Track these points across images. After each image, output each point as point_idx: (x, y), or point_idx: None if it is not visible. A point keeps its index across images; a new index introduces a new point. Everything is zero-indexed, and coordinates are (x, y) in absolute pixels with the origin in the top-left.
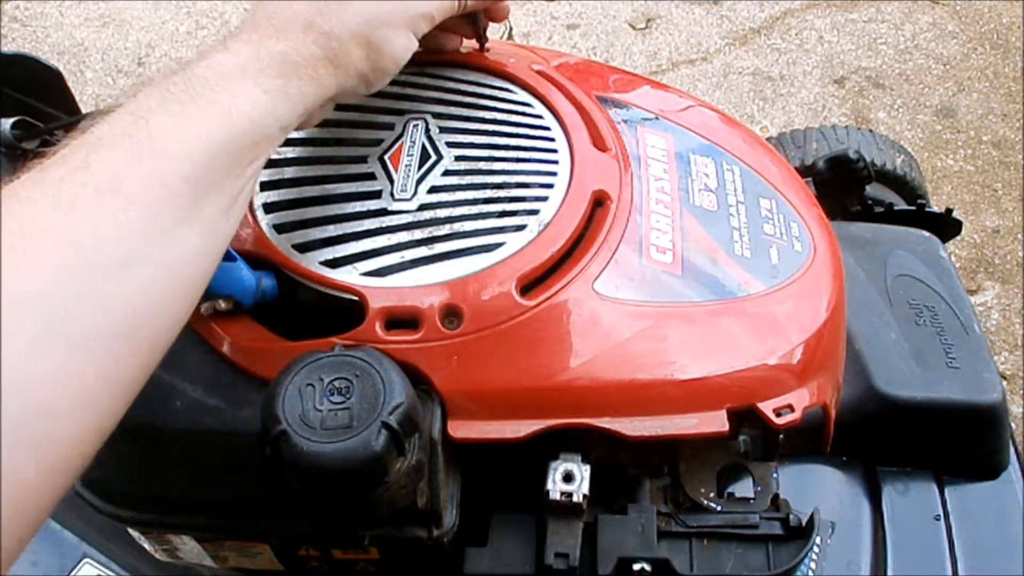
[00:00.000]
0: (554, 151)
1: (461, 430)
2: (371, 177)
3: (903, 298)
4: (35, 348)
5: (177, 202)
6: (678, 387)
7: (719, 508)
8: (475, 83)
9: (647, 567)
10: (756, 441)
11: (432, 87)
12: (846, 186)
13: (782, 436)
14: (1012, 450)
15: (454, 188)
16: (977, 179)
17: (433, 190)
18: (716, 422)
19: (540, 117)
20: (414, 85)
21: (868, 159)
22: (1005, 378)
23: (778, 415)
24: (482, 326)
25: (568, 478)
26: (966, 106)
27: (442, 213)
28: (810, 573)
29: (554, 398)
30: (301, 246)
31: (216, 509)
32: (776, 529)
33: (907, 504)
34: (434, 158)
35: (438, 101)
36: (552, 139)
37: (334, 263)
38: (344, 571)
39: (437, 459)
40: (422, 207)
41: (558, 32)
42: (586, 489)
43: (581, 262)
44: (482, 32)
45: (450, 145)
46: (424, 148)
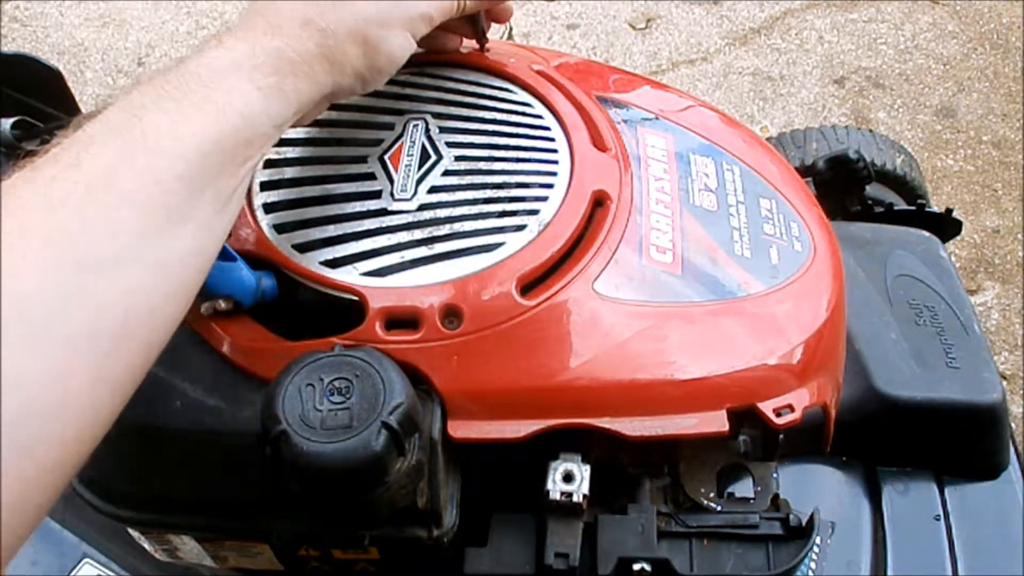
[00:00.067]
0: (554, 151)
1: (461, 430)
2: (371, 177)
3: (903, 298)
4: (28, 347)
5: (171, 200)
6: (678, 387)
7: (719, 508)
8: (475, 83)
9: (647, 567)
10: (756, 441)
11: (432, 87)
12: (846, 186)
13: (782, 436)
14: (1012, 450)
15: (454, 188)
16: (977, 179)
17: (433, 190)
18: (716, 422)
19: (540, 117)
20: (414, 85)
21: (868, 159)
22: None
23: (778, 415)
24: (482, 326)
25: (568, 478)
26: (966, 106)
27: (442, 213)
28: (810, 573)
29: (554, 398)
30: (301, 246)
31: (216, 509)
32: (776, 529)
33: (907, 504)
34: (434, 158)
35: (438, 101)
36: (552, 139)
37: (334, 263)
38: (344, 571)
39: (437, 459)
40: (422, 207)
41: (558, 32)
42: (586, 489)
43: (581, 262)
44: (482, 32)
45: (450, 145)
46: (424, 148)
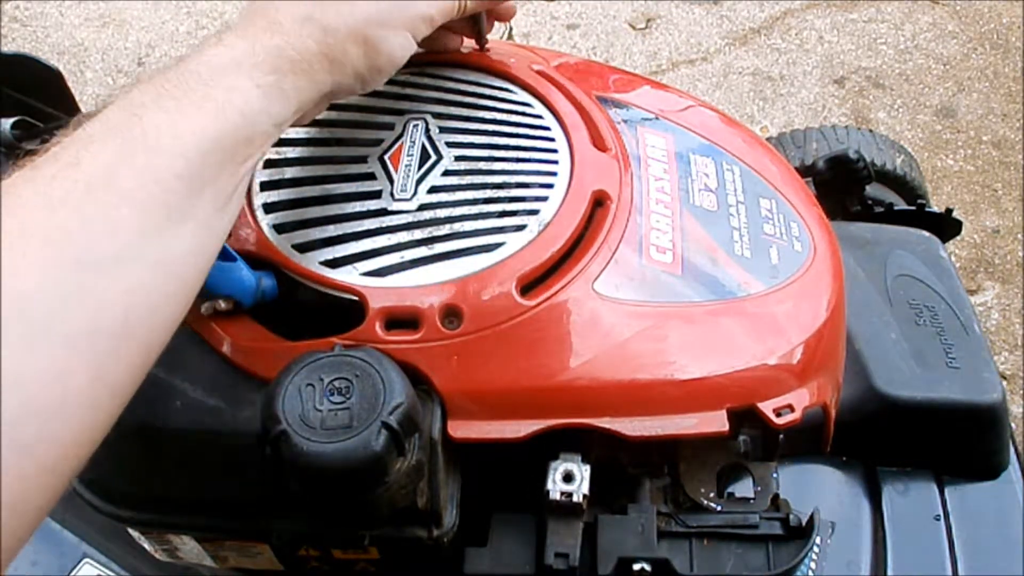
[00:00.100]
0: (554, 151)
1: (461, 430)
2: (371, 177)
3: (903, 298)
4: (27, 346)
5: (171, 199)
6: (678, 387)
7: (719, 508)
8: (475, 83)
9: (647, 567)
10: (756, 441)
11: (432, 87)
12: (846, 186)
13: (782, 436)
14: (1012, 450)
15: (454, 188)
16: (977, 179)
17: (433, 190)
18: (716, 422)
19: (540, 117)
20: (414, 85)
21: (868, 159)
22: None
23: (778, 415)
24: (482, 326)
25: (568, 478)
26: (966, 106)
27: (442, 213)
28: (810, 573)
29: (554, 398)
30: (301, 246)
31: (216, 509)
32: (776, 529)
33: (907, 504)
34: (434, 158)
35: (438, 101)
36: (552, 139)
37: (334, 263)
38: (344, 571)
39: (437, 459)
40: (422, 207)
41: (558, 32)
42: (586, 489)
43: (581, 262)
44: (483, 33)
45: (450, 145)
46: (424, 148)
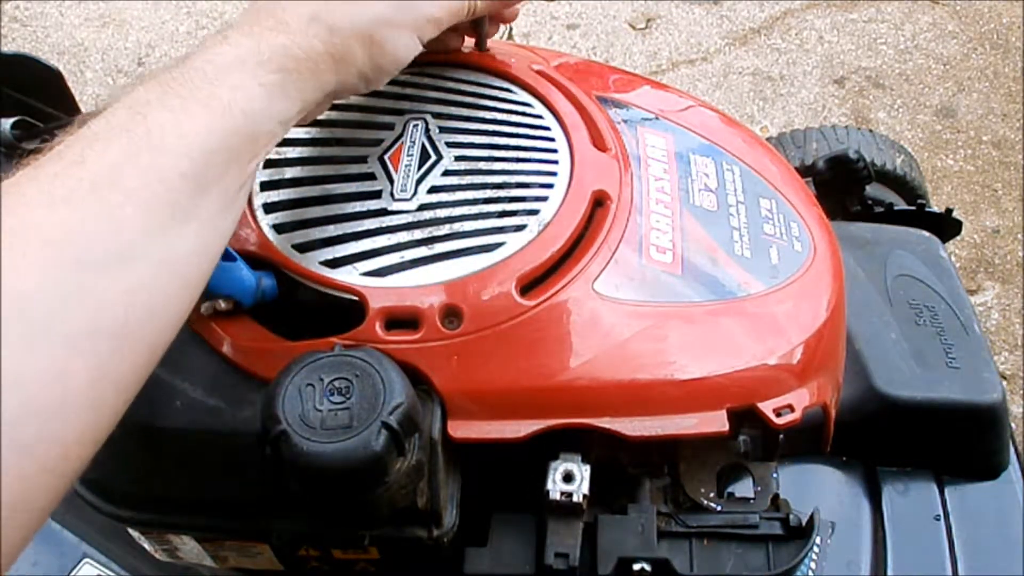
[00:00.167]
0: (554, 151)
1: (461, 430)
2: (371, 177)
3: (903, 298)
4: (28, 346)
5: (175, 198)
6: (678, 387)
7: (719, 508)
8: (475, 83)
9: (647, 567)
10: (756, 441)
11: (432, 87)
12: (846, 186)
13: (782, 436)
14: (1012, 450)
15: (454, 188)
16: (977, 179)
17: (433, 190)
18: (716, 422)
19: (540, 117)
20: (414, 85)
21: (868, 159)
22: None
23: (778, 415)
24: (482, 326)
25: (568, 478)
26: (966, 106)
27: (442, 213)
28: (810, 573)
29: (554, 398)
30: (301, 246)
31: (216, 509)
32: (776, 529)
33: (907, 504)
34: (434, 158)
35: (438, 101)
36: (552, 139)
37: (334, 263)
38: (344, 571)
39: (437, 459)
40: (422, 207)
41: (558, 32)
42: (586, 489)
43: (581, 262)
44: (484, 33)
45: (450, 145)
46: (424, 148)
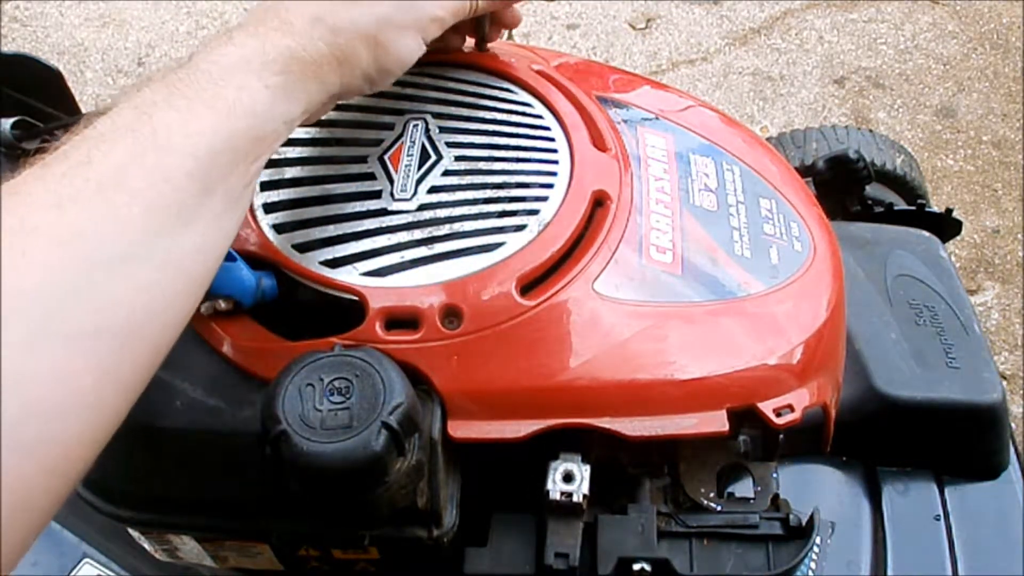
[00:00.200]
0: (554, 151)
1: (461, 430)
2: (371, 177)
3: (903, 298)
4: (33, 346)
5: (181, 198)
6: (678, 387)
7: (719, 508)
8: (475, 83)
9: (647, 567)
10: (756, 441)
11: (432, 87)
12: (846, 186)
13: (782, 436)
14: (1012, 450)
15: (454, 188)
16: (977, 179)
17: (433, 190)
18: (716, 422)
19: (540, 117)
20: (414, 85)
21: (868, 159)
22: (1005, 378)
23: (778, 415)
24: (482, 326)
25: (568, 478)
26: (966, 106)
27: (442, 213)
28: (810, 573)
29: (554, 398)
30: (301, 246)
31: (216, 509)
32: (776, 529)
33: (907, 504)
34: (434, 158)
35: (438, 101)
36: (552, 139)
37: (334, 263)
38: (344, 571)
39: (437, 459)
40: (422, 207)
41: (558, 32)
42: (586, 489)
43: (581, 262)
44: (485, 33)
45: (450, 145)
46: (424, 148)
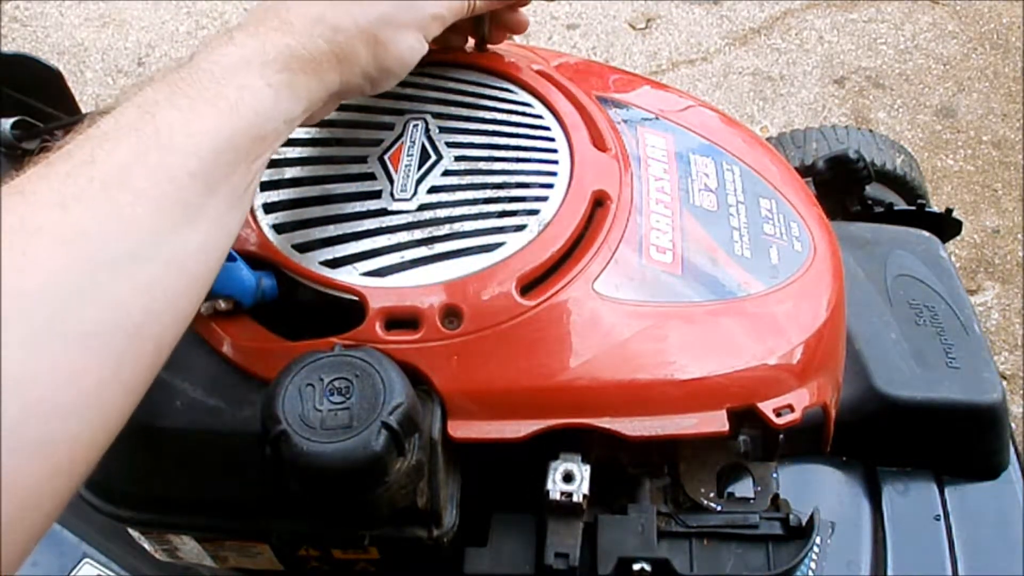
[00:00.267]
0: (554, 151)
1: (461, 430)
2: (371, 177)
3: (903, 298)
4: (37, 346)
5: (184, 197)
6: (678, 387)
7: (719, 508)
8: (475, 83)
9: (647, 567)
10: (756, 441)
11: (432, 87)
12: (846, 186)
13: (782, 436)
14: (1012, 450)
15: (454, 188)
16: (977, 179)
17: (433, 190)
18: (716, 422)
19: (540, 117)
20: (414, 85)
21: (868, 159)
22: (1005, 378)
23: (778, 415)
24: (482, 326)
25: (568, 478)
26: (966, 106)
27: (442, 213)
28: (810, 573)
29: (554, 398)
30: (301, 246)
31: (216, 509)
32: (776, 529)
33: (907, 504)
34: (434, 158)
35: (438, 101)
36: (552, 139)
37: (334, 263)
38: (344, 571)
39: (437, 459)
40: (422, 207)
41: (558, 32)
42: (586, 489)
43: (581, 262)
44: (484, 33)
45: (450, 145)
46: (424, 148)
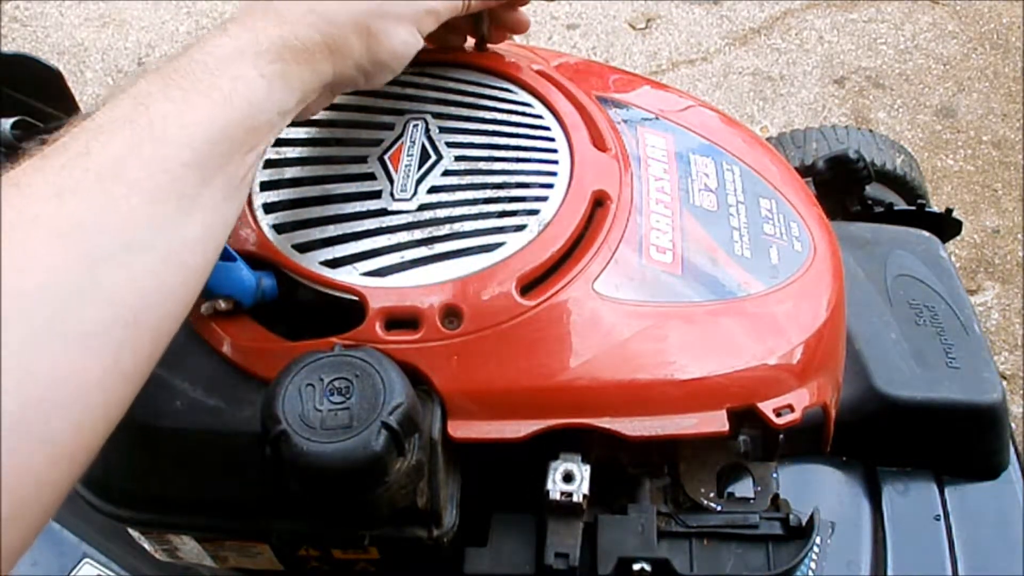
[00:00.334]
0: (554, 151)
1: (461, 430)
2: (371, 177)
3: (903, 298)
4: (37, 340)
5: (179, 188)
6: (678, 387)
7: (719, 508)
8: (475, 83)
9: (647, 567)
10: (756, 441)
11: (432, 87)
12: (846, 186)
13: (782, 436)
14: (1012, 450)
15: (454, 188)
16: (977, 179)
17: (433, 190)
18: (716, 422)
19: (540, 117)
20: (414, 85)
21: (868, 159)
22: (1005, 378)
23: (778, 415)
24: (482, 326)
25: (568, 478)
26: (966, 106)
27: (442, 213)
28: (810, 573)
29: (554, 398)
30: (301, 246)
31: (216, 509)
32: (776, 529)
33: (907, 504)
34: (434, 158)
35: (438, 101)
36: (552, 139)
37: (334, 263)
38: (344, 571)
39: (437, 459)
40: (422, 207)
41: (558, 32)
42: (586, 489)
43: (581, 262)
44: (483, 33)
45: (450, 145)
46: (424, 148)
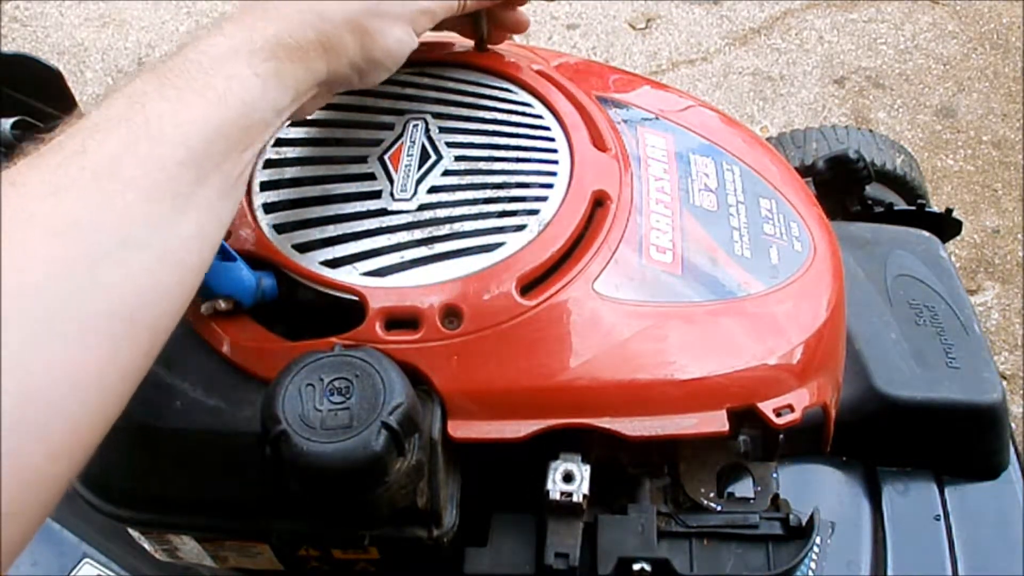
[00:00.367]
0: (554, 151)
1: (461, 430)
2: (371, 177)
3: (903, 298)
4: (35, 338)
5: (174, 186)
6: (678, 387)
7: (719, 508)
8: (475, 83)
9: (647, 567)
10: (756, 441)
11: (432, 87)
12: (846, 186)
13: (782, 436)
14: (1012, 450)
15: (454, 188)
16: (977, 179)
17: (433, 190)
18: (716, 422)
19: (540, 117)
20: (414, 85)
21: (868, 159)
22: (1005, 378)
23: (778, 415)
24: (482, 326)
25: (568, 478)
26: (966, 106)
27: (442, 213)
28: (810, 573)
29: (554, 398)
30: (301, 246)
31: (216, 509)
32: (776, 529)
33: (907, 504)
34: (434, 158)
35: (438, 101)
36: (552, 139)
37: (334, 263)
38: (344, 571)
39: (437, 459)
40: (422, 207)
41: (558, 32)
42: (586, 489)
43: (581, 262)
44: (483, 33)
45: (450, 145)
46: (424, 148)
